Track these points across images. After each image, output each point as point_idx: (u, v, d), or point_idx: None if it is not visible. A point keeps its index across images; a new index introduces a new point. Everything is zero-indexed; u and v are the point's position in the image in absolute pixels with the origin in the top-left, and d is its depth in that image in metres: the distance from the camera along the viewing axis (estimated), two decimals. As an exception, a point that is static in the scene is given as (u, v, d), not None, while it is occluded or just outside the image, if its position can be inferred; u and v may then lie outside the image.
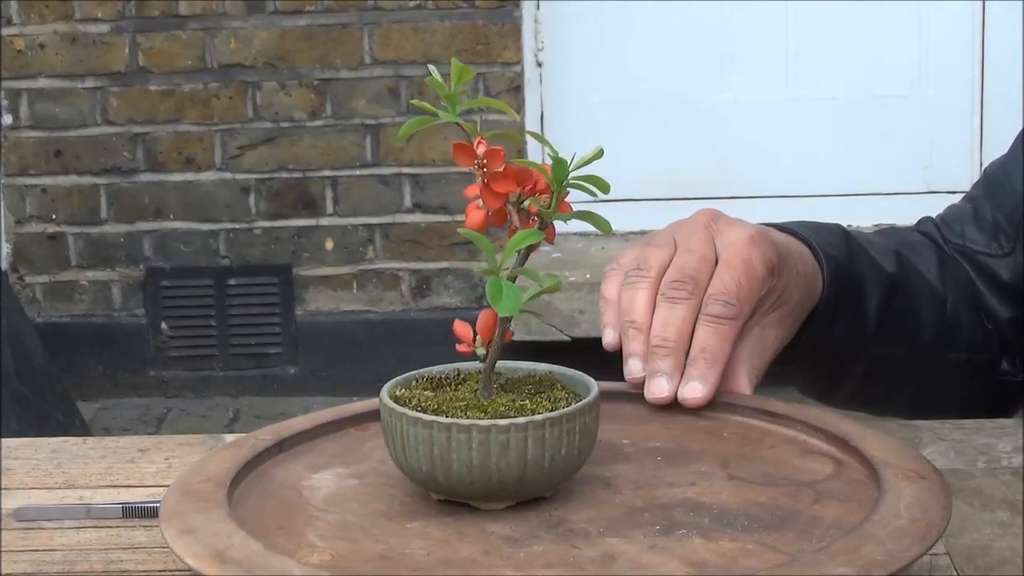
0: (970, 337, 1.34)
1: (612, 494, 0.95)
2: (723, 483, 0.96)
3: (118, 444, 1.19)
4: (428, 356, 4.80)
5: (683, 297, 1.09)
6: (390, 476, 0.98)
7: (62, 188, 3.98)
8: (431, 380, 0.99)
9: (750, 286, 1.10)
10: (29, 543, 1.01)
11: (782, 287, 1.15)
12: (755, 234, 1.13)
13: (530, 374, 1.00)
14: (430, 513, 0.93)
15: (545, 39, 4.02)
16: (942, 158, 4.08)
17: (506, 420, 0.91)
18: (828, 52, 4.06)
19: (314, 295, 4.00)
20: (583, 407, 0.93)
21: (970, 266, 1.35)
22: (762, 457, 0.99)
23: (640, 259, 1.12)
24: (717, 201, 4.23)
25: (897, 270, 1.30)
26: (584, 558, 0.86)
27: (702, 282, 1.10)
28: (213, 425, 3.84)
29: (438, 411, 0.94)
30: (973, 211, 1.38)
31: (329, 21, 3.90)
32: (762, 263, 1.11)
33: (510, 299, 0.91)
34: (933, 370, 1.33)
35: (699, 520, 0.90)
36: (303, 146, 3.95)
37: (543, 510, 0.93)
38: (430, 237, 3.96)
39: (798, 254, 1.19)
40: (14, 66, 3.92)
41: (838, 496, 0.92)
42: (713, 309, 1.08)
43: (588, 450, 0.94)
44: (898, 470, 0.92)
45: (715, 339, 1.08)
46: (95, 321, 4.02)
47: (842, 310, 1.23)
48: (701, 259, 1.11)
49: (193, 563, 0.85)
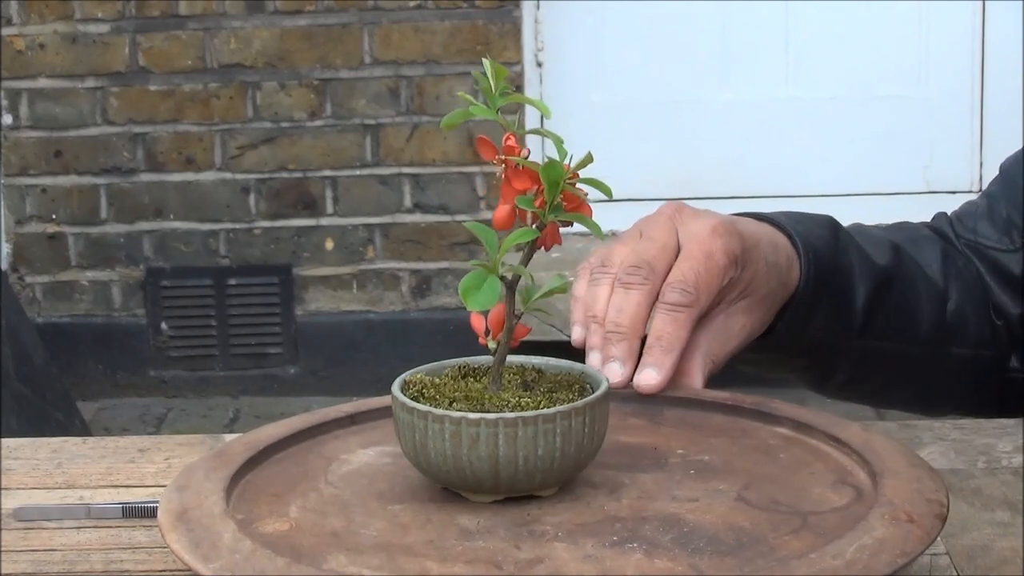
0: (976, 333, 1.33)
1: (607, 500, 0.94)
2: (725, 503, 0.94)
3: (118, 444, 1.19)
4: (428, 356, 4.78)
5: (637, 283, 1.09)
6: None
7: (62, 188, 3.98)
8: (456, 371, 1.00)
9: (709, 276, 1.10)
10: (29, 543, 1.01)
11: (748, 277, 1.15)
12: (718, 224, 1.13)
13: (561, 371, 1.00)
14: (423, 499, 0.94)
15: (545, 39, 4.02)
16: (942, 158, 4.08)
17: (493, 415, 0.91)
18: (828, 52, 4.06)
19: (314, 295, 4.00)
20: (568, 410, 0.92)
21: (981, 262, 1.35)
22: (790, 483, 0.97)
23: (605, 256, 1.13)
24: (717, 201, 4.24)
25: (891, 263, 1.29)
26: (515, 559, 0.86)
27: (659, 269, 1.10)
28: (213, 425, 3.84)
29: (432, 402, 0.94)
30: (988, 207, 1.37)
31: (329, 21, 3.90)
32: (723, 253, 1.11)
33: (485, 294, 0.92)
34: (935, 366, 1.33)
35: (660, 537, 0.89)
36: (303, 146, 3.95)
37: (527, 507, 0.93)
38: (430, 237, 3.96)
39: (769, 244, 1.18)
40: (14, 66, 3.92)
41: (824, 530, 0.90)
42: (670, 297, 1.09)
43: (578, 452, 0.93)
44: (894, 513, 0.90)
45: (671, 327, 1.08)
46: (95, 321, 4.02)
47: (823, 301, 1.23)
48: (661, 248, 1.11)
49: (161, 518, 0.89)
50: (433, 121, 3.92)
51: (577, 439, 0.93)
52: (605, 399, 0.94)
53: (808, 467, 1.00)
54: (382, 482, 0.97)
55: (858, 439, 1.00)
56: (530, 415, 0.91)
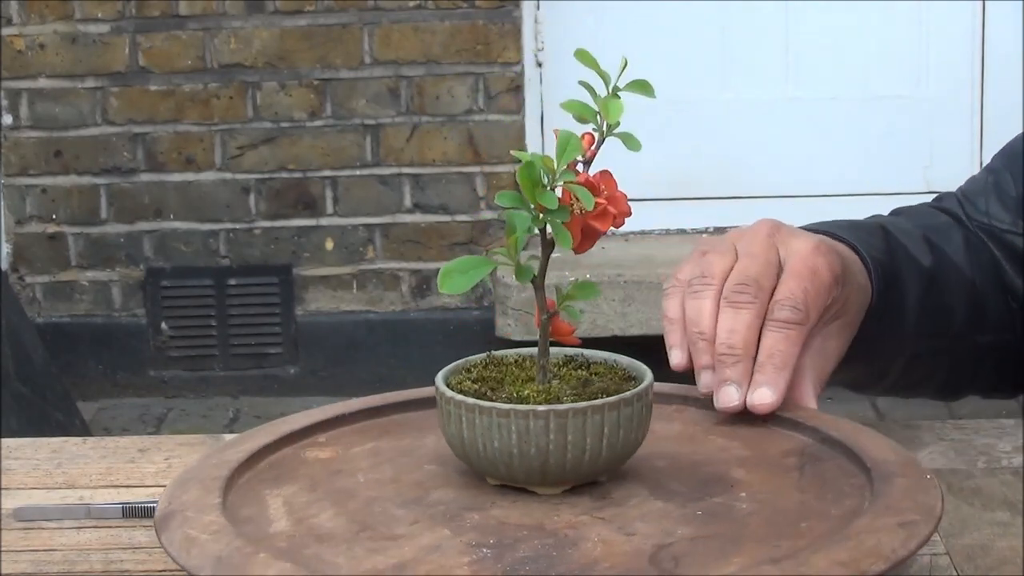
0: (996, 319, 1.32)
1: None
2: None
3: (118, 444, 1.19)
4: (428, 356, 4.79)
5: (746, 301, 1.07)
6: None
7: (62, 188, 3.98)
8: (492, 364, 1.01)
9: (817, 293, 1.09)
10: (29, 543, 1.01)
11: (845, 296, 1.14)
12: (819, 243, 1.12)
13: (607, 363, 1.01)
14: (420, 501, 0.94)
15: (545, 39, 4.02)
16: (942, 158, 4.08)
17: (525, 407, 0.93)
18: (828, 52, 4.06)
19: (314, 295, 4.00)
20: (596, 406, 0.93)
21: (995, 245, 1.33)
22: (784, 483, 0.98)
23: (703, 266, 1.11)
24: (717, 201, 4.24)
25: (932, 262, 1.28)
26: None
27: (766, 286, 1.08)
28: (213, 425, 3.84)
29: (482, 396, 0.95)
30: (996, 184, 1.35)
31: (329, 21, 3.90)
32: (828, 271, 1.11)
33: (459, 280, 0.92)
34: (963, 355, 1.32)
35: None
36: (303, 146, 3.95)
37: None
38: (430, 237, 3.96)
39: (854, 262, 1.18)
40: (14, 66, 3.92)
41: (820, 530, 0.91)
42: (781, 314, 1.07)
43: (603, 447, 0.94)
44: (888, 513, 0.89)
45: (783, 345, 1.06)
46: (95, 321, 4.02)
47: (885, 313, 1.22)
48: (765, 263, 1.10)
49: (156, 519, 0.92)
50: (433, 121, 3.92)
51: (596, 433, 0.94)
52: (649, 391, 0.96)
53: (802, 467, 1.00)
54: (376, 481, 0.98)
55: (852, 438, 1.00)
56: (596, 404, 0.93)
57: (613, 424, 0.93)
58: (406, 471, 1.00)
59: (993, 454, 1.12)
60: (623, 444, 0.95)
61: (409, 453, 1.03)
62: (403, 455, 1.02)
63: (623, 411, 0.94)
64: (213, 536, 0.88)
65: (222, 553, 0.86)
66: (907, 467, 0.95)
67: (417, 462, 1.01)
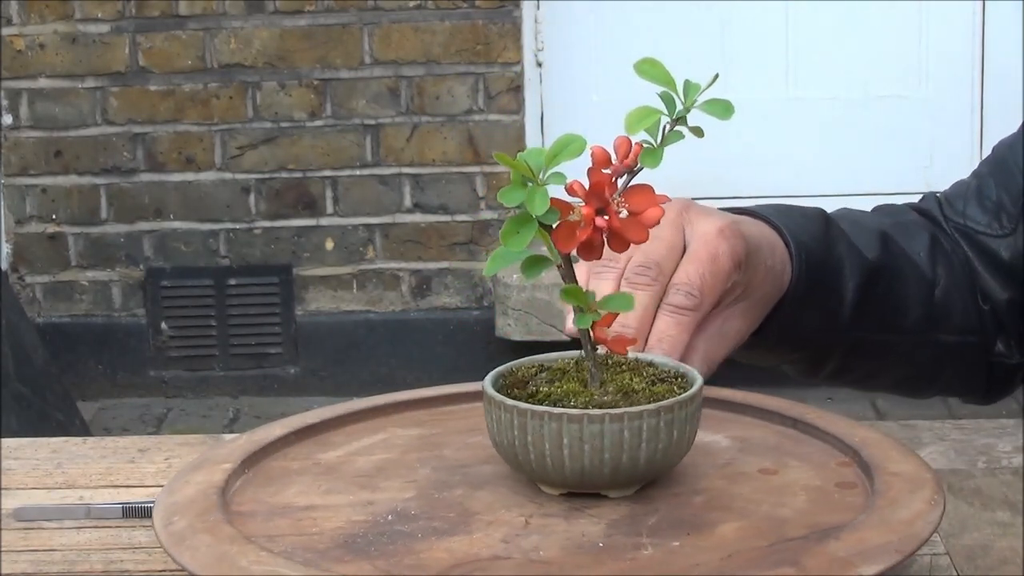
0: (962, 319, 1.32)
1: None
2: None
3: (118, 444, 1.19)
4: (428, 356, 4.78)
5: (646, 283, 1.09)
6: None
7: (62, 188, 3.98)
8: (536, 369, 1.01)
9: (714, 280, 1.10)
10: (29, 543, 1.01)
11: (748, 280, 1.14)
12: (725, 226, 1.13)
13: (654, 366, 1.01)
14: (413, 504, 0.94)
15: (545, 39, 4.02)
16: (942, 158, 4.08)
17: (578, 410, 0.93)
18: (828, 52, 4.06)
19: (314, 295, 4.00)
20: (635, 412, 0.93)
21: (969, 246, 1.34)
22: (784, 482, 0.98)
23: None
24: (717, 201, 4.22)
25: (880, 255, 1.28)
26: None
27: (667, 269, 1.10)
28: (213, 425, 3.84)
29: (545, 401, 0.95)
30: (977, 188, 1.36)
31: (329, 21, 3.90)
32: (729, 256, 1.11)
33: (501, 258, 0.92)
34: (922, 353, 1.32)
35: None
36: (303, 146, 3.95)
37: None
38: (430, 237, 3.96)
39: (768, 246, 1.18)
40: (14, 66, 3.92)
41: (819, 530, 0.92)
42: (675, 299, 1.08)
43: (655, 451, 0.94)
44: (888, 512, 0.90)
45: (674, 330, 1.08)
46: (95, 321, 4.02)
47: (813, 299, 1.22)
48: (669, 247, 1.11)
49: (155, 517, 0.91)
50: (433, 121, 3.92)
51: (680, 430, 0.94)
52: (699, 395, 0.96)
53: (802, 466, 1.00)
54: (379, 478, 0.98)
55: (853, 437, 1.00)
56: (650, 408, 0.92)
57: (681, 422, 0.94)
58: (425, 469, 1.00)
59: (993, 454, 1.12)
60: (683, 445, 0.95)
61: (424, 450, 1.03)
62: (419, 450, 1.03)
63: (677, 414, 0.94)
64: (213, 536, 0.88)
65: (222, 553, 0.86)
66: (907, 466, 0.95)
67: (442, 461, 1.02)
